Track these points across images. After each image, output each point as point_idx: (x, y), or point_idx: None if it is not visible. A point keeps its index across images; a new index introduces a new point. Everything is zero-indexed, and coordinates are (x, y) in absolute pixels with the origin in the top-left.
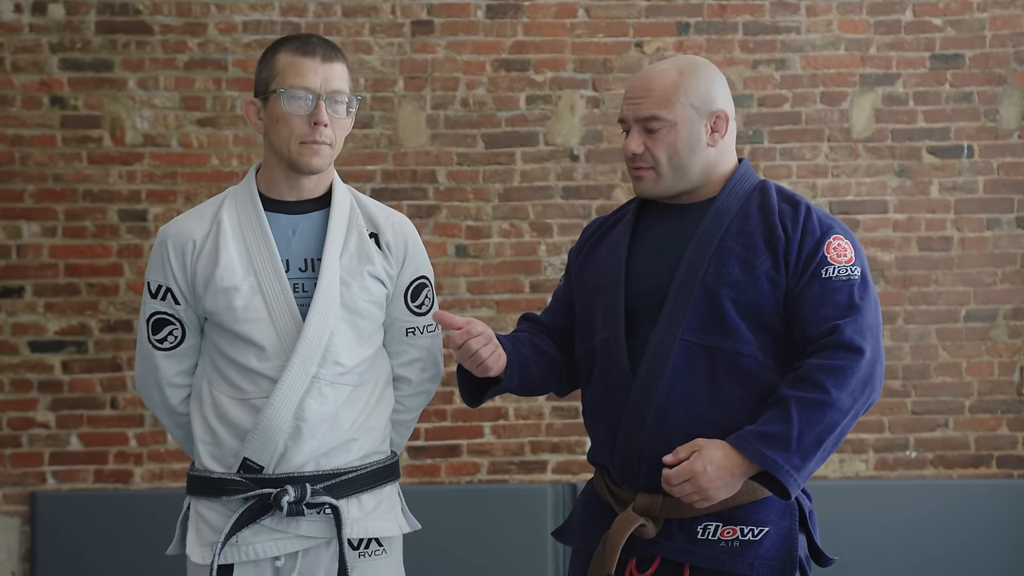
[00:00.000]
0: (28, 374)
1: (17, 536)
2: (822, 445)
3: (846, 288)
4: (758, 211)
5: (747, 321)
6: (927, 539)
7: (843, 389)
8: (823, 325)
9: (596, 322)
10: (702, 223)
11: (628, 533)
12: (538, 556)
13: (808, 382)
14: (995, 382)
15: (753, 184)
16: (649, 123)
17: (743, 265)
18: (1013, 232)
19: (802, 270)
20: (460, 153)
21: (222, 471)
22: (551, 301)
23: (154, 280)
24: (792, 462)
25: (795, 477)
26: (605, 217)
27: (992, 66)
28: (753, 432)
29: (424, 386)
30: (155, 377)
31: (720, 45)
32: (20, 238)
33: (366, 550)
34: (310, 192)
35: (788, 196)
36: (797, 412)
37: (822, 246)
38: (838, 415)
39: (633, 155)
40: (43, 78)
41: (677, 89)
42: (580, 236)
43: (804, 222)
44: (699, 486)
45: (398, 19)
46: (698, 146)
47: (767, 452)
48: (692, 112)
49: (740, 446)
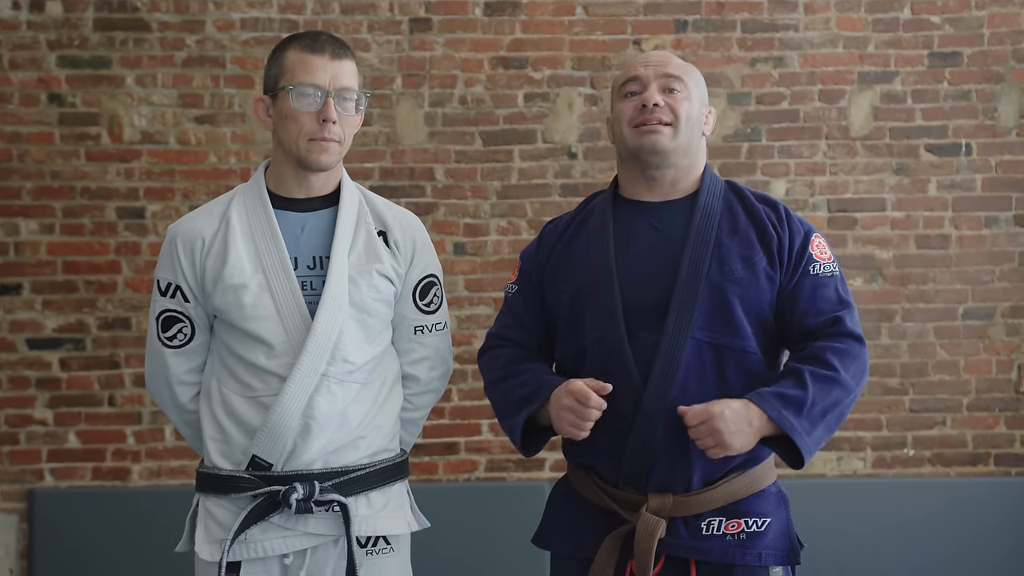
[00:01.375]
0: (26, 371)
1: (15, 533)
2: (826, 417)
3: (832, 284)
4: (743, 211)
5: (749, 318)
6: (925, 537)
7: (848, 371)
8: (821, 317)
9: (586, 323)
10: (693, 222)
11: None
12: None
13: (818, 359)
14: (993, 380)
15: (722, 184)
16: (672, 83)
17: (744, 263)
18: (1011, 230)
19: (794, 268)
20: (458, 151)
21: (231, 468)
22: (509, 316)
23: (164, 278)
24: (804, 426)
25: (807, 441)
26: (568, 216)
27: (990, 64)
28: (770, 391)
29: (433, 384)
30: (165, 375)
31: (718, 43)
32: (18, 235)
33: (374, 548)
34: (319, 190)
35: (763, 197)
36: (811, 381)
37: (808, 244)
38: (843, 394)
39: (655, 105)
40: (41, 75)
41: (689, 70)
42: (540, 237)
43: (788, 222)
44: (714, 427)
45: (396, 16)
46: (700, 127)
47: (784, 411)
48: (698, 94)
49: (758, 401)
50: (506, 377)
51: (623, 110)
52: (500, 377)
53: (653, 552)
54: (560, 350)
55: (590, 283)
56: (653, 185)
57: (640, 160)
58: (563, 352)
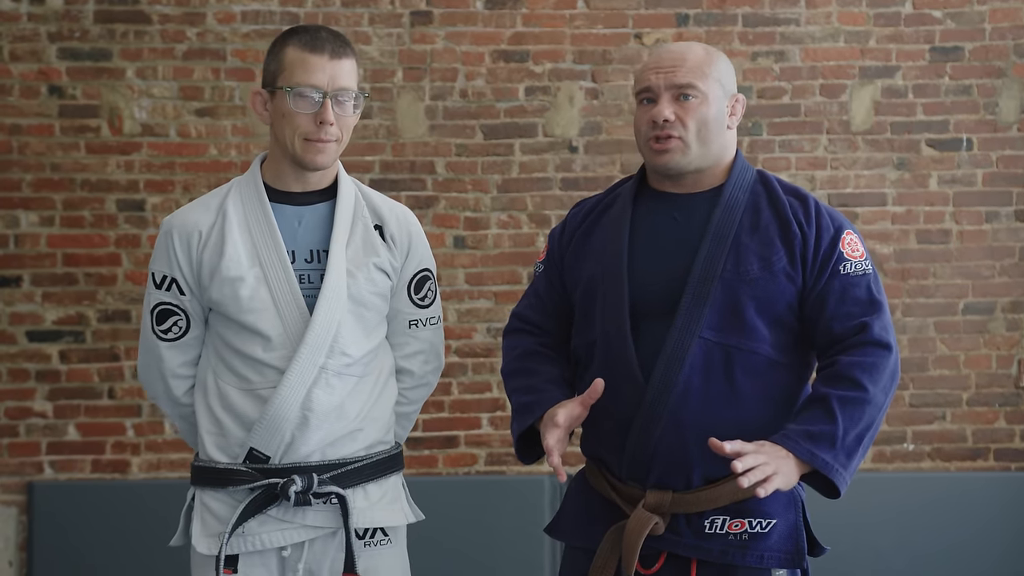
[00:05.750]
0: (26, 364)
1: (14, 525)
2: (862, 442)
3: (863, 283)
4: (768, 205)
5: (764, 319)
6: (924, 531)
7: (878, 385)
8: (849, 322)
9: (596, 313)
10: (713, 217)
11: (646, 533)
12: (535, 547)
13: (846, 380)
14: (993, 375)
15: (753, 175)
16: (684, 90)
17: (761, 263)
18: (1012, 225)
19: (820, 268)
20: (459, 144)
21: (228, 461)
22: (533, 297)
23: (159, 271)
24: (839, 460)
25: (844, 475)
26: (594, 201)
27: (992, 59)
28: (799, 431)
29: (426, 378)
30: (159, 368)
31: (719, 37)
32: (18, 227)
33: (372, 540)
34: (316, 184)
35: (793, 189)
36: (840, 410)
37: (838, 242)
38: (875, 411)
39: (665, 121)
40: (41, 67)
41: (708, 63)
42: (566, 219)
43: (817, 218)
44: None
45: (397, 9)
46: (722, 124)
47: (815, 451)
48: (719, 89)
49: (786, 444)
50: (516, 373)
51: (639, 119)
52: (511, 371)
53: (638, 548)
54: (574, 339)
55: (601, 273)
56: (677, 183)
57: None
58: (576, 342)
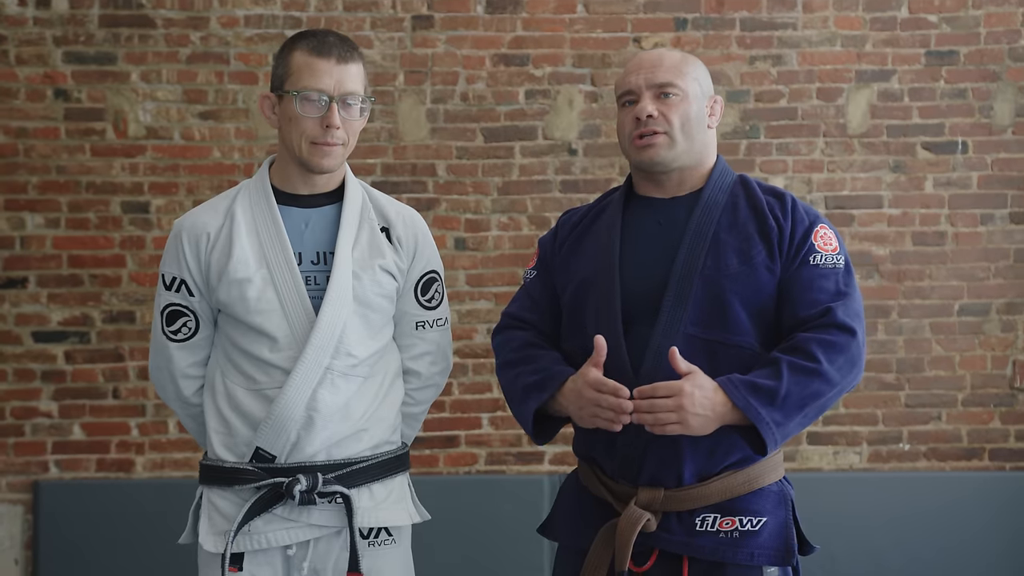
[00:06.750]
0: (31, 364)
1: (20, 524)
2: (804, 410)
3: (833, 275)
4: (746, 204)
5: (747, 312)
6: (919, 531)
7: (833, 363)
8: (814, 308)
9: (588, 317)
10: (692, 217)
11: (638, 529)
12: (535, 547)
13: (801, 351)
14: (988, 376)
15: (733, 178)
16: (665, 88)
17: (741, 257)
18: (1006, 227)
19: (792, 257)
20: (459, 147)
21: (235, 460)
22: (526, 299)
23: (168, 272)
24: (774, 416)
25: (774, 432)
26: (585, 208)
27: (986, 63)
28: (742, 379)
29: (433, 379)
30: (169, 368)
31: (717, 41)
32: (24, 229)
33: (376, 539)
34: (323, 186)
35: (771, 189)
36: (788, 372)
37: (810, 234)
38: (825, 386)
39: (648, 117)
40: (47, 71)
41: (685, 64)
42: (557, 226)
43: (793, 212)
44: (680, 404)
45: (398, 14)
46: (703, 122)
47: (752, 400)
48: (698, 88)
49: (728, 388)
50: (517, 362)
51: (623, 121)
52: (511, 361)
53: (631, 544)
54: (565, 341)
55: (592, 276)
56: (660, 185)
57: (643, 169)
58: (569, 344)
